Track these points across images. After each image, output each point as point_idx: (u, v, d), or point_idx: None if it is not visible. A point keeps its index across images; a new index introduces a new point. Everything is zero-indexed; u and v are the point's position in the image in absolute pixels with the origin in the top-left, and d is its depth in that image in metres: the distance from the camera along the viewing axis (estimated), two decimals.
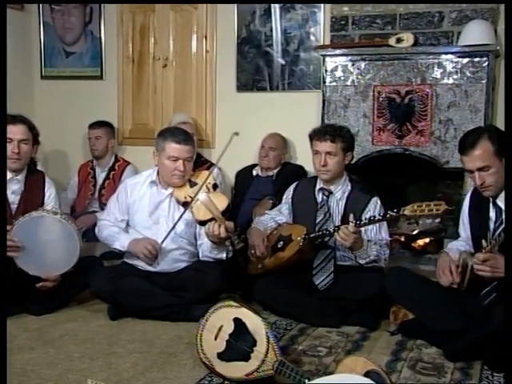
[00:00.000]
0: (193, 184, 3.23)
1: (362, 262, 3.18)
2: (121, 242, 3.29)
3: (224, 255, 3.24)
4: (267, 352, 2.35)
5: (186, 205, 3.16)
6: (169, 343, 2.83)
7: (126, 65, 5.06)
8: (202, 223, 3.11)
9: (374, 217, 3.06)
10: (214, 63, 4.81)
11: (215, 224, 3.03)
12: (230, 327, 2.47)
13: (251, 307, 2.58)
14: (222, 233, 3.03)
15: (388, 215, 2.99)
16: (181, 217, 3.20)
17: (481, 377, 2.51)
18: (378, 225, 3.24)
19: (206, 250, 3.25)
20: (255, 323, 2.44)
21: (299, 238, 3.24)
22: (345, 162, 3.35)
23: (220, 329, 2.49)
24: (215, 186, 3.23)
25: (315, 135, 3.34)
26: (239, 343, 2.42)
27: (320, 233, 3.22)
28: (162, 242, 3.22)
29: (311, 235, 3.22)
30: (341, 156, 3.31)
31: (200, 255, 3.32)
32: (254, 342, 2.39)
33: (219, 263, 3.27)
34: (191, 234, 3.32)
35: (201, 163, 4.45)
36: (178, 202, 3.21)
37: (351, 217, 3.07)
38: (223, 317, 2.51)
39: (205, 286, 3.15)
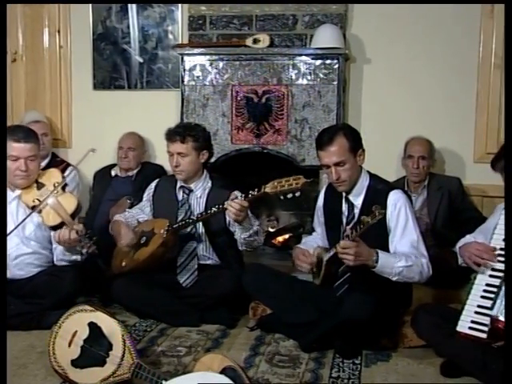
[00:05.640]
0: (40, 185, 3.08)
1: (245, 235, 3.13)
2: None
3: (78, 257, 3.13)
4: (123, 355, 2.31)
5: (35, 209, 3.01)
6: (19, 354, 2.68)
7: None
8: (53, 228, 2.99)
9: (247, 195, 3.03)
10: (69, 59, 4.62)
11: (65, 230, 2.92)
12: (84, 332, 2.39)
13: (107, 310, 2.52)
14: (73, 237, 2.92)
15: (250, 195, 2.98)
16: (22, 221, 3.04)
17: (332, 364, 2.64)
18: None
19: (60, 253, 3.13)
20: (111, 327, 2.39)
21: (162, 231, 3.21)
22: (200, 160, 3.34)
23: (74, 335, 2.40)
24: (64, 186, 3.11)
25: (167, 136, 3.33)
26: (94, 348, 2.35)
27: (183, 222, 3.21)
28: None
29: (174, 226, 3.20)
30: (194, 156, 3.30)
31: (55, 259, 3.19)
32: (110, 346, 2.34)
33: (75, 266, 3.16)
34: (45, 238, 3.18)
35: (56, 163, 4.26)
36: (27, 206, 3.05)
37: (234, 194, 3.07)
38: (77, 322, 2.43)
39: (59, 291, 3.03)
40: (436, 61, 4.15)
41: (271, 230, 4.55)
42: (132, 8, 4.48)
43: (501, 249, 2.36)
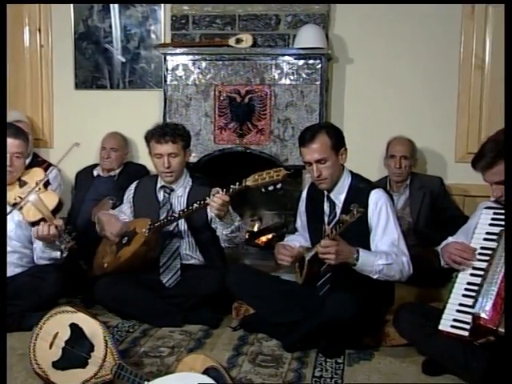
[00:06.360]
0: (22, 183, 3.07)
1: (227, 231, 3.13)
2: None
3: (58, 254, 3.10)
4: (105, 356, 2.30)
5: (16, 206, 2.99)
6: None
7: None
8: (33, 224, 2.98)
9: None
10: (50, 59, 4.59)
11: (45, 225, 2.91)
12: (65, 334, 2.37)
13: (89, 311, 2.50)
14: (52, 232, 2.91)
15: (231, 189, 2.98)
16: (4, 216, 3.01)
17: (315, 364, 2.64)
18: None
19: (39, 250, 3.11)
20: (93, 328, 2.37)
21: (144, 230, 3.19)
22: (186, 159, 3.36)
23: (55, 336, 2.38)
24: (46, 184, 3.10)
25: (153, 137, 3.28)
26: (76, 349, 2.33)
27: (165, 220, 3.20)
28: None
29: (156, 224, 3.19)
30: (182, 155, 3.32)
31: (35, 258, 3.17)
32: (92, 347, 2.33)
33: (57, 267, 3.14)
34: (26, 237, 3.15)
35: (38, 164, 4.22)
36: (8, 203, 3.02)
37: (215, 190, 3.03)
38: (59, 323, 2.41)
39: (41, 292, 3.02)
40: (418, 61, 4.18)
41: (254, 229, 4.55)
42: (114, 7, 4.45)
43: (481, 248, 2.38)
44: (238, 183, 2.98)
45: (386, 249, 2.77)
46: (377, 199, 2.83)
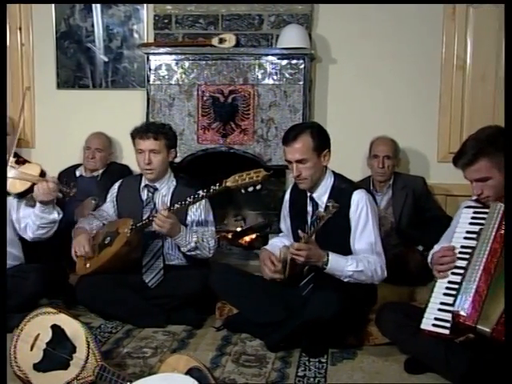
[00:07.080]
0: None
1: (184, 249, 3.17)
2: None
3: (56, 215, 3.10)
4: (87, 358, 2.29)
5: None
6: None
7: None
8: (23, 194, 3.00)
9: (195, 196, 3.06)
10: (31, 58, 4.55)
11: (42, 183, 2.93)
12: (47, 335, 2.36)
13: (71, 312, 2.49)
14: (52, 186, 2.94)
15: (212, 190, 3.01)
16: None
17: (299, 363, 2.65)
18: (203, 214, 3.29)
19: (35, 219, 3.08)
20: (75, 329, 2.36)
21: (126, 230, 3.18)
22: (169, 159, 3.35)
23: (36, 338, 2.36)
24: (21, 162, 3.11)
25: (137, 133, 3.29)
26: (57, 351, 2.31)
27: (147, 220, 3.19)
28: None
29: (138, 224, 3.18)
30: (165, 153, 3.31)
31: (30, 235, 3.15)
32: (74, 349, 2.31)
33: (38, 267, 3.13)
34: (9, 221, 3.12)
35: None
36: None
37: (165, 204, 3.12)
38: (40, 325, 2.39)
39: (22, 291, 3.00)
40: (401, 61, 4.20)
41: (238, 229, 4.55)
42: (96, 6, 4.42)
43: (462, 246, 2.40)
44: (218, 184, 3.01)
45: (361, 250, 2.80)
46: (358, 200, 2.84)
